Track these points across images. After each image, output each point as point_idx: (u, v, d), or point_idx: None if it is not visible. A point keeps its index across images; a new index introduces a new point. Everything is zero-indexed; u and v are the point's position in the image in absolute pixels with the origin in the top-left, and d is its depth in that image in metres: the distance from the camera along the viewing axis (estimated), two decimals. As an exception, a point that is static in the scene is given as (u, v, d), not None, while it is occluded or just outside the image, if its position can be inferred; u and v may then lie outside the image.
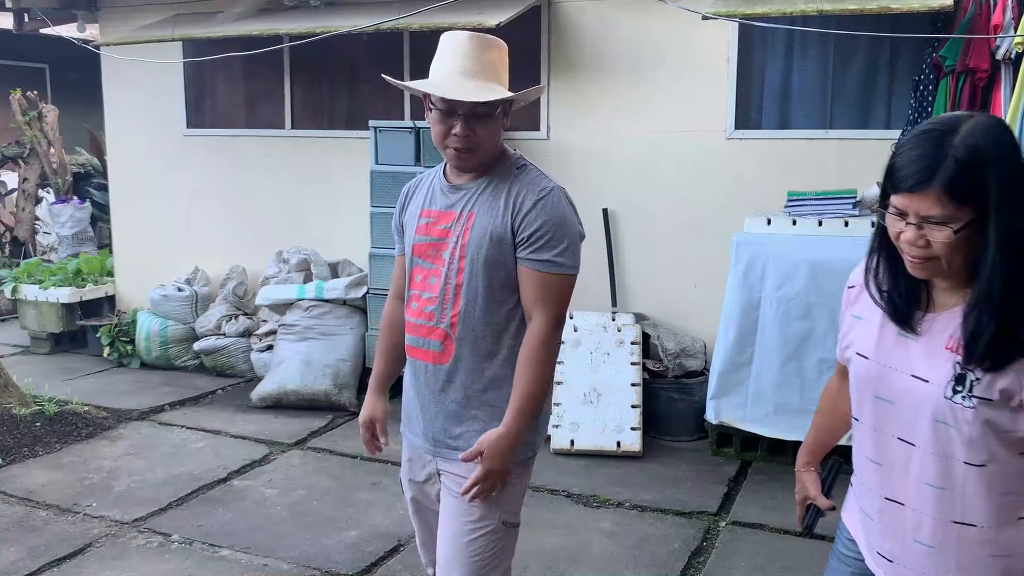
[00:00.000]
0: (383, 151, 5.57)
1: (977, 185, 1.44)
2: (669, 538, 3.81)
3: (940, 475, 1.57)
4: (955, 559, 1.61)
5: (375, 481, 4.37)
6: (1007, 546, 1.57)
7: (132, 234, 7.06)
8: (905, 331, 1.60)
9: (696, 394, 4.97)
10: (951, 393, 1.52)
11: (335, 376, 5.52)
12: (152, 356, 6.40)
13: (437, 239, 2.18)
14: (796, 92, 5.14)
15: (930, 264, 1.51)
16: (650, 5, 5.00)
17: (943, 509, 1.58)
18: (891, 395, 1.61)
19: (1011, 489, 1.55)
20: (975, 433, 1.51)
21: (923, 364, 1.56)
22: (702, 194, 5.26)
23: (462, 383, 2.17)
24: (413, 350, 2.25)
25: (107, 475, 4.44)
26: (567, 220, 2.11)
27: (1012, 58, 4.25)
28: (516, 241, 2.09)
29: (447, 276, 2.14)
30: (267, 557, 3.61)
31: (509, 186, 2.13)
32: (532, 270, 2.09)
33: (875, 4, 4.28)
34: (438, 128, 2.11)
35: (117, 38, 6.35)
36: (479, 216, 2.12)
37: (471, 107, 2.06)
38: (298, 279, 6.04)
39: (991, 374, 1.48)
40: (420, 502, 2.38)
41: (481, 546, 2.17)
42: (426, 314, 2.18)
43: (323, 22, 5.43)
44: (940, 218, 1.45)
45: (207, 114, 6.73)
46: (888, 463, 1.65)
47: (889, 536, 1.69)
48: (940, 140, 1.46)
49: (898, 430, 1.61)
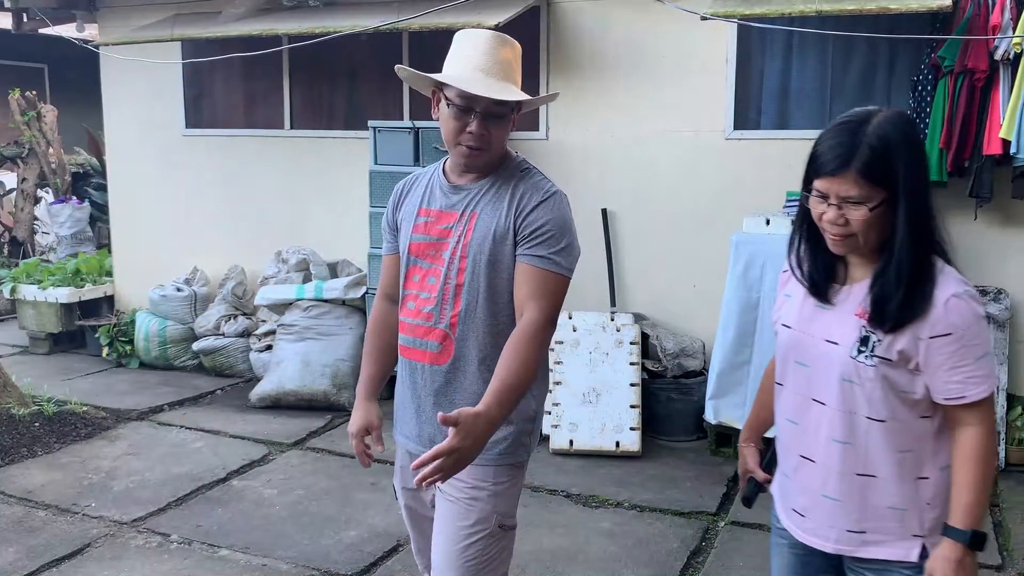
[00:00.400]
0: (382, 151, 5.57)
1: (887, 169, 1.65)
2: (668, 538, 3.81)
3: (846, 431, 1.76)
4: (857, 510, 1.79)
5: (374, 481, 4.37)
6: (904, 500, 1.76)
7: (131, 234, 7.06)
8: (822, 303, 1.80)
9: (695, 394, 4.97)
10: (856, 353, 1.72)
11: (334, 376, 5.52)
12: (151, 356, 6.40)
13: (437, 239, 2.14)
14: (795, 92, 5.14)
15: (849, 241, 1.70)
16: (649, 5, 5.01)
17: (848, 462, 1.77)
18: (808, 359, 1.81)
19: (910, 447, 1.74)
20: (876, 390, 1.71)
21: (836, 330, 1.76)
22: (701, 194, 5.27)
23: (461, 385, 2.14)
24: (409, 351, 2.19)
25: (106, 475, 4.44)
26: (568, 223, 2.10)
27: (1011, 58, 4.27)
28: (517, 239, 2.07)
29: (447, 276, 2.10)
30: (266, 557, 3.61)
31: (513, 187, 2.11)
32: (529, 266, 2.05)
33: (874, 4, 4.29)
34: (452, 124, 2.06)
35: (116, 38, 6.35)
36: (482, 216, 2.10)
37: (488, 105, 2.03)
38: (297, 279, 6.04)
39: (891, 335, 1.68)
40: (414, 509, 2.35)
41: (477, 550, 2.13)
42: (424, 314, 2.14)
43: (322, 23, 5.43)
44: (857, 198, 1.65)
45: (206, 114, 6.73)
46: (803, 423, 1.84)
47: (802, 492, 1.87)
48: (855, 130, 1.67)
49: (813, 391, 1.80)
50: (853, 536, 1.81)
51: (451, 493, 2.15)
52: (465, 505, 2.13)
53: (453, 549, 2.13)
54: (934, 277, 1.68)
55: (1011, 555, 3.68)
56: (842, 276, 1.80)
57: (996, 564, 3.59)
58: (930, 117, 4.50)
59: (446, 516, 2.16)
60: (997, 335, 4.67)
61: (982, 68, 4.31)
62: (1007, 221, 4.73)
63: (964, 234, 4.81)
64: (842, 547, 1.83)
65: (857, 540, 1.81)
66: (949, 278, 1.68)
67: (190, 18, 6.22)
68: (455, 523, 2.14)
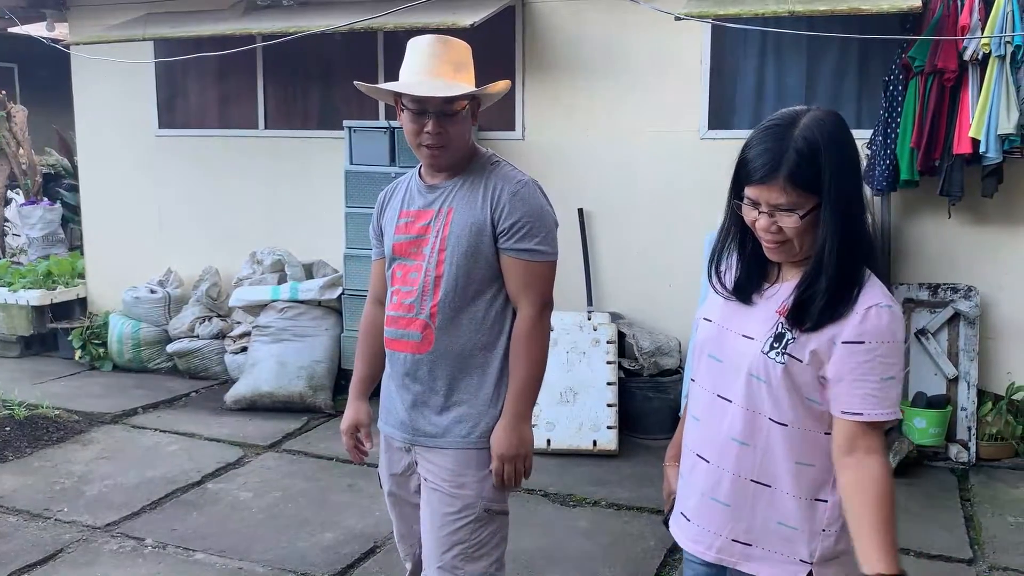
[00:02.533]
0: (357, 151, 5.54)
1: (815, 173, 1.58)
2: (645, 536, 3.83)
3: (746, 430, 1.69)
4: (747, 521, 1.71)
5: (351, 483, 4.36)
6: (797, 520, 1.67)
7: (103, 236, 6.99)
8: (745, 303, 1.75)
9: (671, 392, 5.00)
10: (768, 349, 1.65)
11: (310, 378, 5.49)
12: (124, 359, 6.33)
13: (416, 236, 2.26)
14: (769, 92, 5.18)
15: (784, 247, 1.65)
16: (623, 6, 5.02)
17: (743, 465, 1.70)
18: (722, 354, 1.75)
19: (810, 461, 1.67)
20: (782, 391, 1.64)
21: (755, 326, 1.70)
22: (676, 194, 5.29)
23: (443, 372, 2.24)
24: (393, 342, 2.30)
25: (79, 479, 4.39)
26: (543, 210, 2.24)
27: (979, 59, 4.32)
28: (497, 232, 2.19)
29: (427, 269, 2.22)
30: (242, 560, 3.58)
31: (485, 181, 2.22)
32: (516, 259, 2.20)
33: (845, 5, 4.33)
34: (410, 127, 2.20)
35: (87, 37, 6.28)
36: (458, 210, 2.22)
37: (440, 105, 2.15)
38: (272, 280, 6.01)
39: (807, 335, 1.62)
40: (398, 495, 2.42)
41: (463, 535, 2.22)
42: (405, 306, 2.25)
43: (296, 22, 5.40)
44: (787, 206, 1.60)
45: (179, 114, 6.67)
46: (706, 420, 1.77)
47: (692, 494, 1.80)
48: (782, 134, 1.60)
49: (721, 387, 1.74)
50: (737, 547, 1.73)
51: (435, 482, 2.25)
52: (450, 492, 2.23)
53: (440, 535, 2.23)
54: (861, 283, 1.62)
55: (982, 549, 3.73)
56: (773, 275, 1.74)
57: (967, 558, 3.64)
58: (901, 117, 4.55)
59: (432, 503, 2.26)
60: (968, 331, 4.74)
61: (951, 68, 4.37)
62: (977, 220, 4.79)
63: (936, 232, 4.89)
64: (724, 557, 1.75)
65: (741, 552, 1.73)
66: (875, 289, 1.63)
67: (162, 17, 6.16)
68: (441, 510, 2.23)
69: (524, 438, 2.23)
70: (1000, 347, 4.84)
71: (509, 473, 2.21)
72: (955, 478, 4.50)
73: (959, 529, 3.90)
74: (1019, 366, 4.81)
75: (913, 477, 4.48)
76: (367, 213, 5.71)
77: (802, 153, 1.57)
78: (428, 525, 2.26)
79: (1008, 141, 4.29)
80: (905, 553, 3.67)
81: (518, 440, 2.21)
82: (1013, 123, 4.21)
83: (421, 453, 2.29)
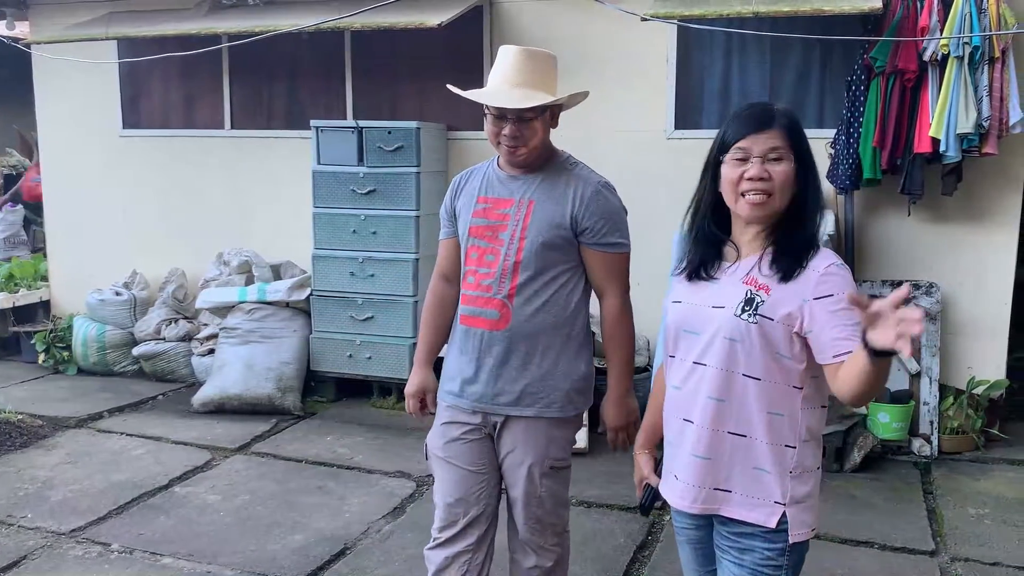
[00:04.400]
0: (325, 151, 5.52)
1: (800, 136, 1.85)
2: (615, 533, 3.86)
3: (722, 388, 1.87)
4: (726, 470, 1.90)
5: (320, 484, 4.34)
6: (771, 464, 1.86)
7: (67, 238, 6.88)
8: (707, 278, 1.95)
9: (640, 390, 4.99)
10: (740, 312, 1.84)
11: (279, 380, 5.46)
12: (89, 362, 6.25)
13: (495, 221, 2.52)
14: (734, 92, 5.23)
15: (768, 201, 1.84)
16: (590, 6, 5.04)
17: (721, 420, 1.88)
18: (696, 327, 1.92)
19: (780, 411, 1.86)
20: (756, 348, 1.83)
21: (722, 296, 1.89)
22: (644, 193, 5.30)
23: (517, 348, 2.49)
24: (469, 319, 2.55)
25: (42, 485, 4.33)
26: (619, 208, 2.56)
27: (938, 59, 4.40)
28: (579, 229, 2.48)
29: (506, 254, 2.48)
30: (210, 564, 3.55)
31: (566, 180, 2.52)
32: (600, 252, 2.51)
33: (808, 6, 4.39)
34: (491, 129, 2.49)
35: (48, 36, 6.18)
36: (539, 203, 2.49)
37: (518, 111, 2.43)
38: (239, 281, 5.96)
39: (775, 297, 1.82)
40: (456, 463, 2.60)
41: (547, 490, 2.55)
42: (483, 287, 2.51)
43: (262, 21, 5.36)
44: (782, 151, 1.82)
45: (144, 114, 6.59)
46: (686, 386, 1.94)
47: (680, 455, 1.97)
48: (766, 106, 1.90)
49: (698, 355, 1.91)
50: (719, 494, 1.91)
51: (521, 447, 2.53)
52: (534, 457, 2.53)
53: (532, 496, 2.55)
54: (816, 248, 1.86)
55: (944, 541, 3.80)
56: (733, 255, 1.94)
57: (930, 550, 3.71)
58: (863, 116, 4.62)
59: (519, 470, 2.54)
60: (929, 327, 4.82)
61: (912, 69, 4.44)
62: (937, 218, 4.88)
63: (897, 230, 4.97)
64: (707, 507, 1.92)
65: (723, 498, 1.91)
66: (828, 252, 1.86)
67: (125, 16, 6.09)
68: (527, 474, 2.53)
69: (631, 408, 2.59)
70: (960, 342, 4.93)
71: (622, 440, 2.60)
72: (918, 471, 4.58)
73: (922, 521, 3.97)
74: (979, 361, 4.90)
75: (877, 471, 4.55)
76: (335, 213, 5.71)
77: (790, 116, 1.86)
78: (520, 490, 2.54)
79: (967, 140, 4.37)
80: (869, 546, 3.74)
81: (626, 412, 2.59)
82: (972, 123, 4.30)
83: (501, 423, 2.54)
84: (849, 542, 3.76)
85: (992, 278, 4.87)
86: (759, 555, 1.88)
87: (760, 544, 1.87)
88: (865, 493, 4.29)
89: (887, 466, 4.63)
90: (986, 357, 4.90)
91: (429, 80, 5.69)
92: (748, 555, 1.89)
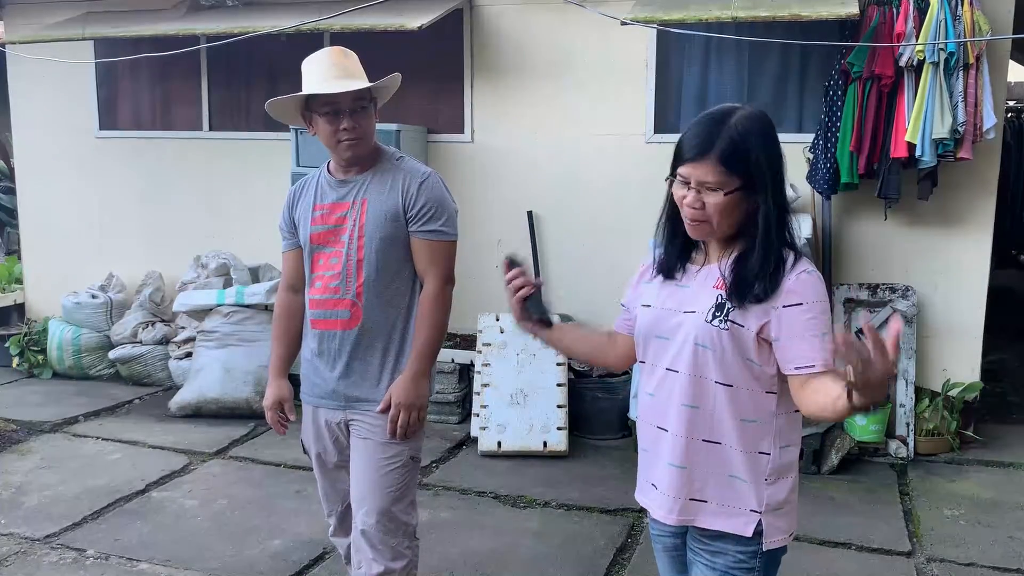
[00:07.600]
0: (304, 153, 5.49)
1: (745, 158, 1.76)
2: (595, 536, 3.86)
3: (695, 395, 1.85)
4: (701, 479, 1.88)
5: (299, 489, 4.31)
6: (745, 472, 1.85)
7: (42, 240, 6.81)
8: (677, 282, 1.93)
9: (620, 392, 5.05)
10: (711, 318, 1.82)
11: (257, 383, 5.41)
12: (65, 366, 6.18)
13: (334, 226, 2.56)
14: (713, 97, 5.25)
15: (703, 226, 1.82)
16: (570, 10, 5.06)
17: (695, 427, 1.86)
18: (667, 332, 1.90)
19: (753, 418, 1.84)
20: (727, 355, 1.81)
21: (693, 301, 1.87)
22: (623, 197, 5.34)
23: (372, 344, 2.56)
24: (320, 323, 2.59)
25: (16, 490, 4.27)
26: (445, 197, 2.59)
27: (914, 65, 4.45)
28: (407, 217, 2.52)
29: (348, 254, 2.53)
30: (188, 569, 3.52)
31: (394, 174, 2.55)
32: (422, 240, 2.54)
33: (786, 12, 4.42)
34: (328, 128, 2.50)
35: (23, 36, 6.12)
36: (372, 201, 2.53)
37: (352, 102, 2.47)
38: (217, 284, 5.91)
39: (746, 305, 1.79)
40: (323, 457, 2.72)
41: (394, 479, 2.57)
42: (331, 289, 2.55)
43: (241, 22, 5.33)
44: (714, 184, 1.77)
45: (121, 116, 6.53)
46: (659, 394, 1.92)
47: (656, 463, 1.96)
48: (718, 122, 1.80)
49: (669, 361, 1.89)
50: (694, 505, 1.89)
51: (367, 433, 2.58)
52: (382, 440, 2.56)
53: (374, 477, 2.57)
54: (786, 260, 1.80)
55: (920, 541, 3.84)
56: (700, 259, 1.93)
57: (906, 551, 3.74)
58: (841, 121, 4.66)
59: (365, 451, 2.58)
60: (905, 331, 4.87)
61: (888, 74, 4.49)
62: (914, 221, 4.93)
63: (874, 234, 5.01)
64: (684, 518, 1.90)
65: (698, 509, 1.89)
66: (800, 260, 1.81)
67: (102, 16, 6.04)
68: (374, 456, 2.56)
69: (421, 392, 2.56)
70: (936, 345, 4.98)
71: (404, 420, 2.53)
72: (895, 473, 4.62)
73: (898, 522, 4.01)
74: (954, 363, 4.96)
75: (855, 473, 4.59)
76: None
77: (734, 139, 1.77)
78: (360, 470, 2.58)
79: (942, 145, 4.42)
80: (846, 547, 3.77)
81: (415, 392, 2.54)
82: (947, 128, 4.35)
83: (356, 416, 2.59)
84: (827, 543, 3.78)
85: (967, 281, 4.92)
86: (731, 558, 1.87)
87: (732, 547, 1.86)
88: (842, 495, 4.32)
89: (864, 468, 4.67)
90: (961, 360, 4.95)
91: (409, 83, 5.65)
92: (720, 558, 1.88)
